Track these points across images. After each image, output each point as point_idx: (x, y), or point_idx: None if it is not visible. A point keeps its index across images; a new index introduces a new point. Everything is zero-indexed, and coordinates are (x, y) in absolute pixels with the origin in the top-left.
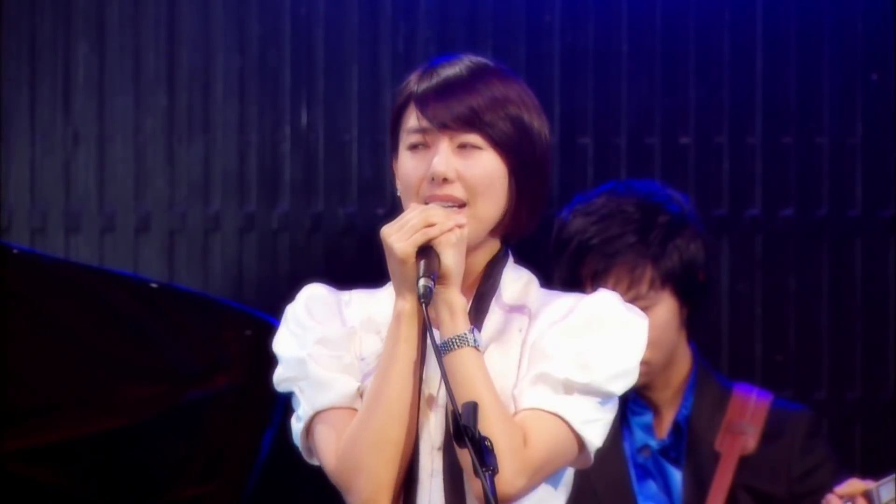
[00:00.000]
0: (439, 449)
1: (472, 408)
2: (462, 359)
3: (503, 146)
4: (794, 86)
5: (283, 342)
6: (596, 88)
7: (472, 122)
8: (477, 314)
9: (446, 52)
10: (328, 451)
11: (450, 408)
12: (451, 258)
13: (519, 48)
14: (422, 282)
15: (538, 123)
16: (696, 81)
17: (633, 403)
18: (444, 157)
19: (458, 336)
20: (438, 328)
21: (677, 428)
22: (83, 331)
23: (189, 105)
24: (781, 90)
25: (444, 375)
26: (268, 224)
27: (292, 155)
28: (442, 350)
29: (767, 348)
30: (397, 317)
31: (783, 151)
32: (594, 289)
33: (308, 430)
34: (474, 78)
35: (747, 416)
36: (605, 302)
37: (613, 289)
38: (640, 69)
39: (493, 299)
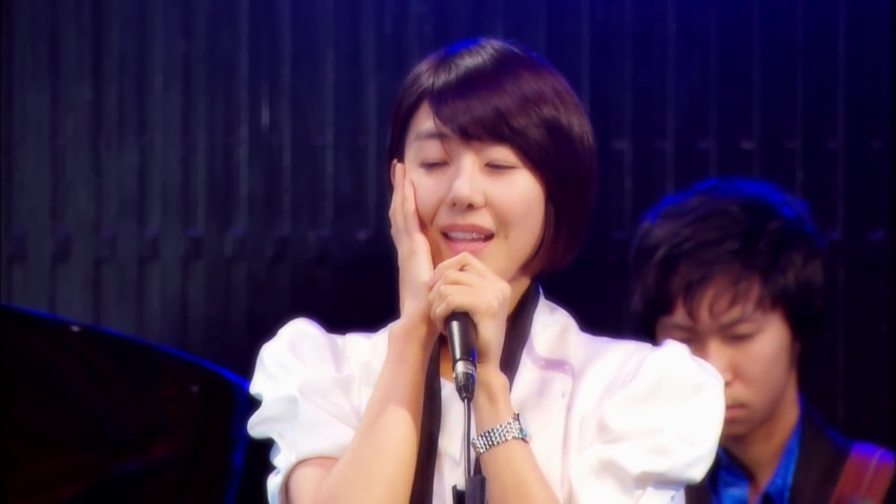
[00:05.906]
0: None
1: (480, 484)
2: (508, 455)
3: (539, 161)
4: (886, 77)
5: (263, 385)
6: (635, 79)
7: (500, 130)
8: (505, 372)
9: (444, 34)
10: (305, 499)
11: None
12: (492, 331)
13: (538, 28)
14: (460, 368)
15: (579, 128)
16: (762, 71)
17: (726, 472)
18: (469, 177)
19: (500, 426)
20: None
21: (767, 500)
22: None
23: (120, 100)
24: (870, 82)
25: (468, 465)
26: (219, 251)
27: (251, 163)
28: (482, 445)
29: (852, 408)
30: (405, 334)
31: (871, 159)
32: (686, 305)
33: (287, 483)
34: (500, 70)
35: (863, 488)
36: (673, 359)
37: (712, 305)
38: (691, 54)
39: (525, 351)
